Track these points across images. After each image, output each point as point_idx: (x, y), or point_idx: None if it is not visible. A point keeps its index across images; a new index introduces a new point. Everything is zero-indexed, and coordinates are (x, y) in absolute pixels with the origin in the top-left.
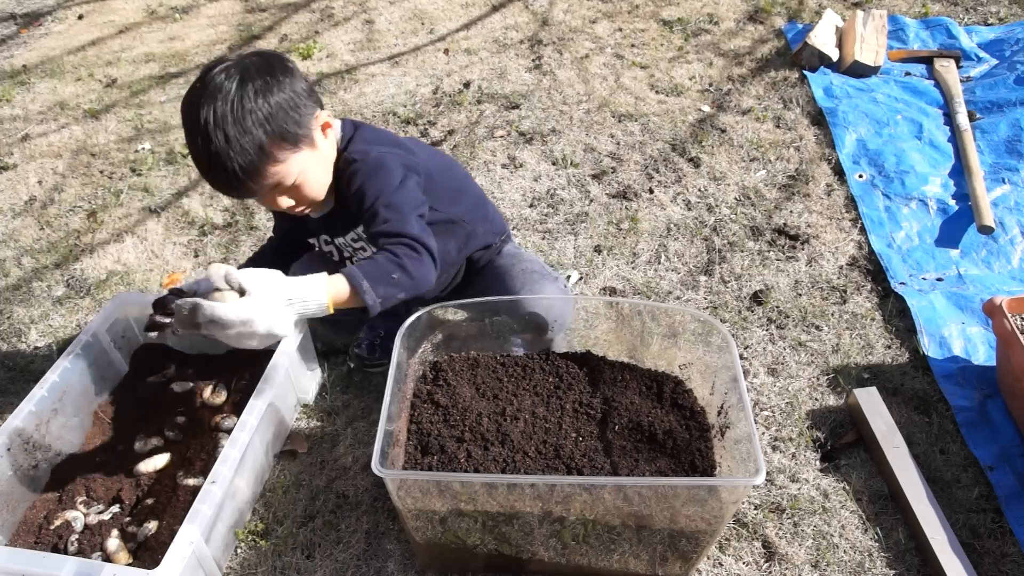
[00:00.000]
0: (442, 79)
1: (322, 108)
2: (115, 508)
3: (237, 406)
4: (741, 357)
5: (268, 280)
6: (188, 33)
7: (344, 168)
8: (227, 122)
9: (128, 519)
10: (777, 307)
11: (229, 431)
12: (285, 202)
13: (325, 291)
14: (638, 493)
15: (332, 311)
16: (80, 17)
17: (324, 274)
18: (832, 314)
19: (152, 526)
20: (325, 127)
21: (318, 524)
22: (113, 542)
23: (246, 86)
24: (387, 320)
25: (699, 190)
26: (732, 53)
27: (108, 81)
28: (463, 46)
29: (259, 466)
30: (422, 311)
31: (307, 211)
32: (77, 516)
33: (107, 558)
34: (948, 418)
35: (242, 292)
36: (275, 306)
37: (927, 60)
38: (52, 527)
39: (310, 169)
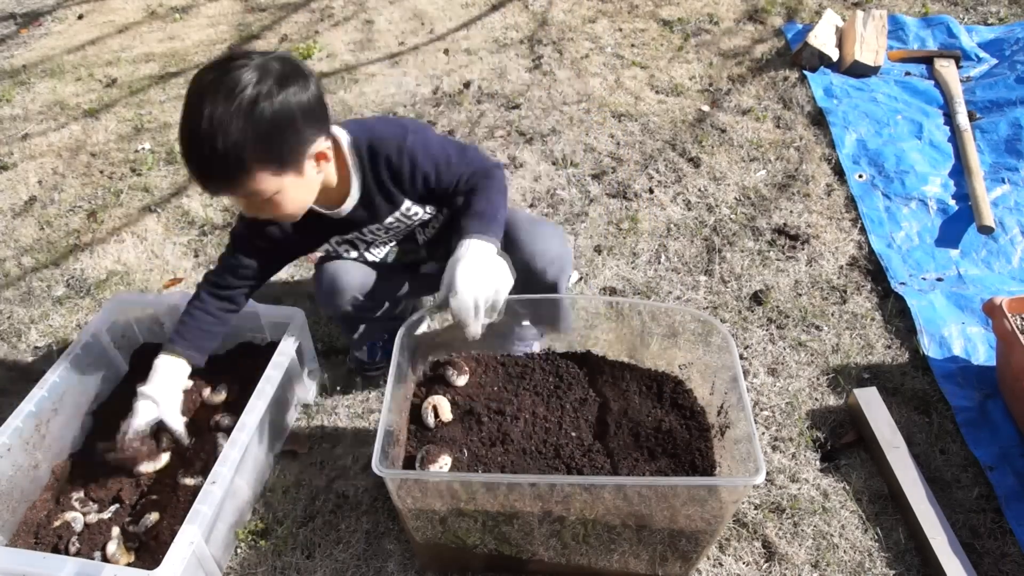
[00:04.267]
0: (442, 79)
1: (326, 134)
2: (115, 508)
3: (237, 406)
4: (741, 357)
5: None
6: (188, 33)
7: (380, 156)
8: (221, 123)
9: (128, 519)
10: (777, 307)
11: (229, 431)
12: (258, 211)
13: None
14: (638, 493)
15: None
16: (80, 17)
17: (476, 246)
18: (832, 314)
19: (152, 526)
20: (320, 158)
21: (318, 524)
22: (113, 542)
23: (255, 92)
24: (387, 323)
25: (699, 190)
26: (732, 53)
27: (108, 81)
28: (463, 46)
29: (259, 466)
30: (417, 314)
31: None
32: (77, 516)
33: (107, 558)
34: (948, 418)
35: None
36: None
37: (927, 60)
38: (52, 527)
39: (289, 191)
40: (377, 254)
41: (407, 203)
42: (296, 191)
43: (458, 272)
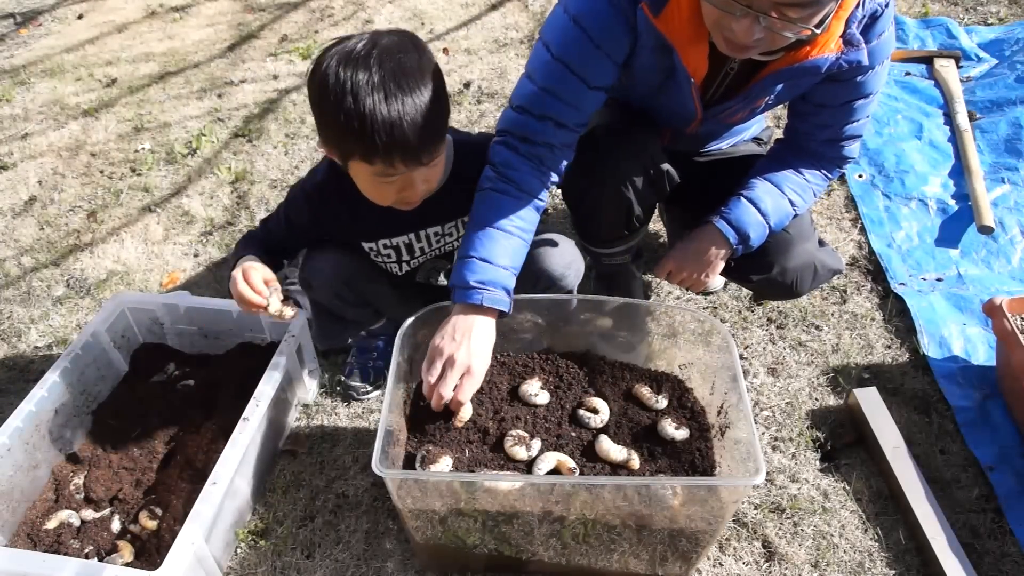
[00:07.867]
0: None
1: None
2: (115, 508)
3: (237, 406)
4: (741, 357)
5: None
6: (187, 32)
7: (470, 149)
8: (416, 95)
9: (128, 519)
10: (777, 307)
11: (229, 431)
12: (423, 185)
13: None
14: (638, 493)
15: None
16: (79, 16)
17: None
18: (832, 314)
19: (152, 526)
20: None
21: (318, 524)
22: (113, 542)
23: (427, 66)
24: (378, 339)
25: None
26: None
27: (107, 80)
28: (462, 45)
29: (259, 466)
30: (422, 311)
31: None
32: (77, 516)
33: (107, 559)
34: (948, 418)
35: None
36: None
37: (927, 60)
38: (52, 527)
39: (441, 162)
40: (412, 265)
41: None
42: (440, 164)
43: None
